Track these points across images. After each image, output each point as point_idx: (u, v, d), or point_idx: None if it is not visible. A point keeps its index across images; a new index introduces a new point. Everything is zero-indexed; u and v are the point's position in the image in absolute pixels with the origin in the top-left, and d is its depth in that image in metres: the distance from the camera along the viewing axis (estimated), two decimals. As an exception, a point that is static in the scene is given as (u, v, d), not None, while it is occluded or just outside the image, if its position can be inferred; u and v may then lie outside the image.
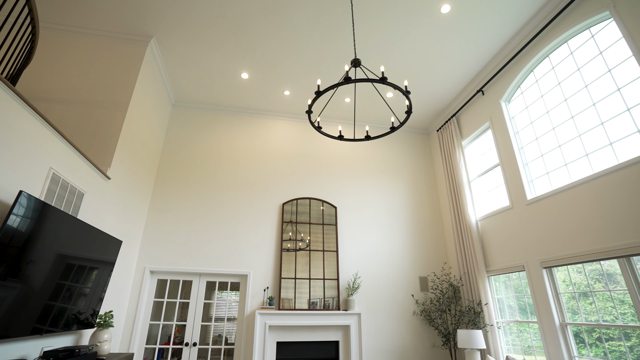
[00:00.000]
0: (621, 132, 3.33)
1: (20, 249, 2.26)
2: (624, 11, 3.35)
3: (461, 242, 5.37)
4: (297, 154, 6.14)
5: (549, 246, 3.95)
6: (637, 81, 3.24)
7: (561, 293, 3.85)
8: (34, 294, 2.45)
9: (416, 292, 5.58)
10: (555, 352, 3.72)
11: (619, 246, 3.17)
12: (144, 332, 4.67)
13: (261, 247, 5.34)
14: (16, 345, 2.49)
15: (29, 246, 2.33)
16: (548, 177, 4.13)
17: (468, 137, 5.66)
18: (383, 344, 5.15)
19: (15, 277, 2.24)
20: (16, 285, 2.26)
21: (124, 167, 4.21)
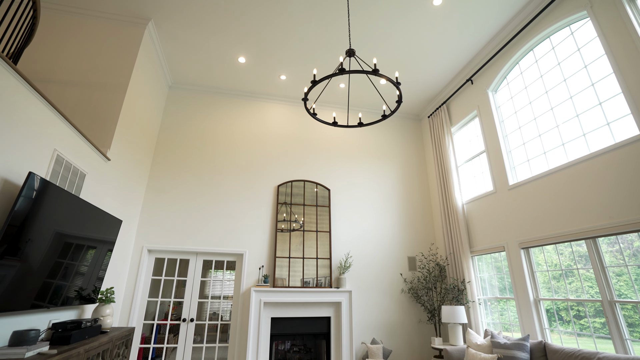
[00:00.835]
0: (593, 123, 3.57)
1: (31, 228, 2.40)
2: (599, 12, 3.53)
3: (448, 224, 5.65)
4: (292, 138, 6.27)
5: (527, 228, 4.23)
6: (609, 78, 3.45)
7: (536, 272, 4.16)
8: (43, 271, 2.61)
9: (405, 271, 5.89)
10: (529, 324, 4.07)
11: (586, 229, 3.45)
12: (142, 309, 4.87)
13: (256, 228, 5.53)
14: (26, 317, 2.65)
15: (38, 225, 2.47)
16: (529, 164, 4.38)
17: (457, 124, 5.86)
18: (372, 320, 5.47)
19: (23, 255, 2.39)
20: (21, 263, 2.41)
21: (123, 149, 4.30)
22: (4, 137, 2.32)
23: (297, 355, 5.33)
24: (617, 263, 3.28)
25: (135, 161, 4.77)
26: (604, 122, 3.47)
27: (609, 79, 3.44)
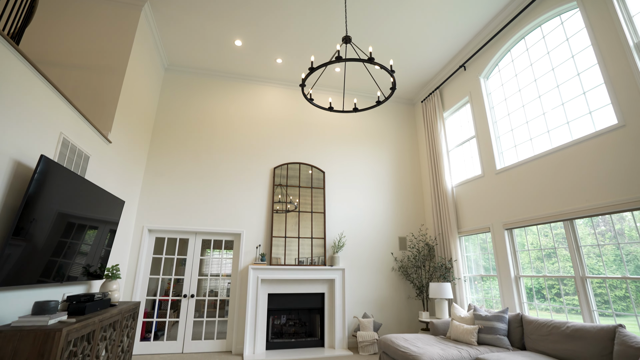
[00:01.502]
0: (577, 112, 3.75)
1: (45, 208, 2.54)
2: (588, 3, 3.65)
3: (437, 206, 5.90)
4: (288, 121, 6.37)
5: (511, 211, 4.48)
6: (593, 68, 3.61)
7: (518, 251, 4.45)
8: (58, 249, 2.76)
9: (395, 250, 6.17)
10: (509, 300, 4.39)
11: (564, 211, 3.70)
12: (145, 285, 5.09)
13: (253, 208, 5.71)
14: (41, 290, 2.83)
15: (51, 206, 2.60)
16: (515, 149, 4.58)
17: (449, 109, 6.00)
18: (364, 296, 5.79)
19: (36, 234, 2.53)
20: (35, 242, 2.56)
21: (123, 131, 4.38)
22: (14, 120, 2.41)
23: (293, 329, 5.64)
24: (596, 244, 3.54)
25: (134, 143, 4.85)
26: (586, 110, 3.65)
27: (593, 70, 3.60)
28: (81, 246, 3.14)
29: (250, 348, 4.97)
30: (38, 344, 2.06)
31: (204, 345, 5.10)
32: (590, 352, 2.90)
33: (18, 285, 2.46)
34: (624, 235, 3.26)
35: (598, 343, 2.88)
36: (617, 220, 3.32)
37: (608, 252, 3.37)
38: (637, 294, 3.11)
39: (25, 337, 2.05)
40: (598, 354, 2.85)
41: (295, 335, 5.57)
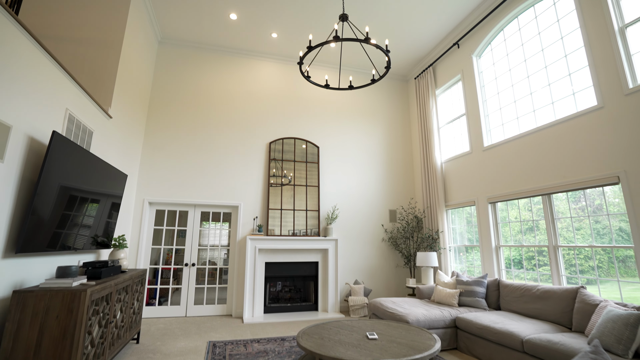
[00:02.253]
0: (562, 93, 3.95)
1: (57, 182, 2.69)
2: (577, -11, 3.74)
3: (427, 181, 6.17)
4: (283, 96, 6.43)
5: (495, 185, 4.77)
6: (579, 51, 3.77)
7: (500, 223, 4.79)
8: (71, 220, 2.94)
9: (386, 222, 6.50)
10: (489, 267, 4.77)
11: (543, 186, 4.00)
12: (148, 255, 5.33)
13: (250, 182, 5.91)
14: (58, 257, 3.04)
15: (63, 180, 2.75)
16: (503, 127, 4.80)
17: (442, 86, 6.14)
18: (355, 265, 6.16)
19: (56, 206, 2.70)
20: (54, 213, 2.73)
21: (121, 107, 4.43)
22: (24, 97, 2.50)
23: (289, 295, 6.02)
24: (575, 217, 3.86)
25: (132, 118, 4.91)
26: (570, 92, 3.85)
27: (580, 52, 3.77)
28: (90, 218, 3.32)
29: (249, 312, 5.34)
30: (67, 302, 2.29)
31: (206, 309, 5.44)
32: (555, 309, 3.29)
33: (39, 252, 2.66)
34: (602, 210, 3.54)
35: (562, 302, 3.26)
36: (597, 196, 3.59)
37: (586, 226, 3.66)
38: (609, 264, 3.45)
39: (55, 296, 2.28)
40: (561, 310, 3.23)
41: (291, 300, 5.96)
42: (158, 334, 4.34)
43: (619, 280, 3.33)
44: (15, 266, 2.46)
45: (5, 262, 2.36)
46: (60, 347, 2.23)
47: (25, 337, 2.19)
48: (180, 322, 4.94)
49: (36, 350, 2.19)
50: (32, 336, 2.20)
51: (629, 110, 3.22)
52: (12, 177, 2.38)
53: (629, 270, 3.28)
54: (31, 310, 2.23)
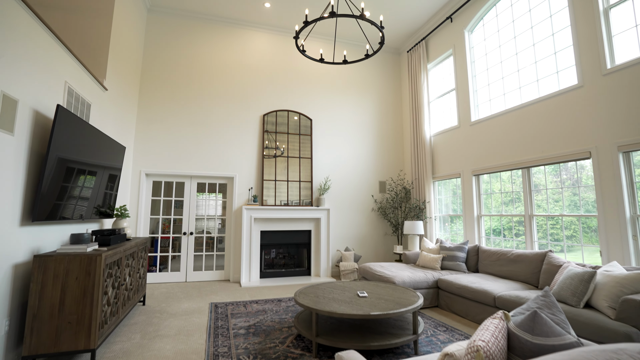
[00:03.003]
0: (546, 71, 4.12)
1: (63, 154, 2.80)
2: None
3: (416, 153, 6.41)
4: (277, 68, 6.42)
5: (480, 159, 5.04)
6: (566, 30, 3.90)
7: (482, 194, 5.10)
8: (77, 192, 3.09)
9: (375, 193, 6.79)
10: (471, 235, 5.14)
11: (524, 160, 4.27)
12: (147, 225, 5.53)
13: (245, 154, 6.04)
14: (67, 226, 3.21)
15: (69, 153, 2.86)
16: (490, 103, 4.99)
17: (433, 61, 6.21)
18: (346, 233, 6.49)
19: (63, 178, 2.83)
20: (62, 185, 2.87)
21: (116, 79, 4.43)
22: (26, 70, 2.55)
23: (283, 261, 6.36)
24: (554, 188, 4.17)
25: (126, 91, 4.91)
26: (554, 70, 4.03)
27: (566, 31, 3.90)
28: (94, 189, 3.46)
29: (246, 277, 5.67)
30: (84, 265, 2.50)
31: (205, 275, 5.75)
32: (526, 271, 3.67)
33: (51, 221, 2.82)
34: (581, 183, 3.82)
35: (532, 264, 3.63)
36: (577, 169, 3.82)
37: (565, 198, 3.95)
38: (583, 233, 3.79)
39: (73, 260, 2.48)
40: (531, 272, 3.61)
41: (285, 266, 6.31)
42: (162, 297, 4.63)
43: (582, 245, 3.71)
44: (32, 233, 2.63)
45: (24, 229, 2.53)
46: (82, 305, 2.47)
47: (49, 295, 2.41)
48: (181, 287, 5.24)
49: (60, 307, 2.42)
50: (55, 295, 2.42)
51: (605, 90, 3.43)
52: (22, 150, 2.49)
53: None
54: (52, 273, 2.44)
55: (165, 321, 3.61)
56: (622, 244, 3.21)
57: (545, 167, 4.13)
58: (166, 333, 3.26)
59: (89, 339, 2.46)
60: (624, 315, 2.32)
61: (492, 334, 1.11)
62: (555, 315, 1.22)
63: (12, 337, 2.42)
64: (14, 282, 2.43)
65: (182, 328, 3.41)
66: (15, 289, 2.44)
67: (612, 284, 2.51)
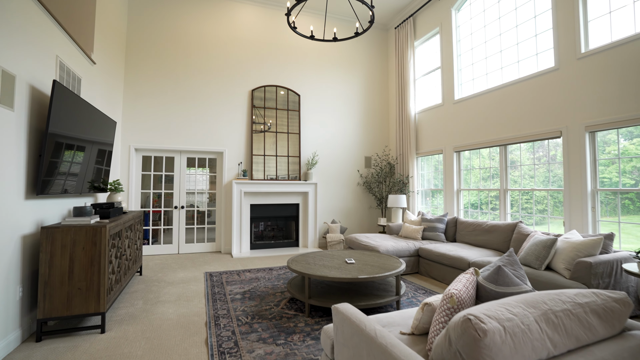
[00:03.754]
0: (527, 52, 4.32)
1: (60, 130, 2.85)
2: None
3: (401, 130, 6.62)
4: (265, 42, 6.36)
5: (462, 136, 5.30)
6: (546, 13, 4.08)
7: (462, 170, 5.41)
8: (74, 167, 3.15)
9: (361, 168, 7.03)
10: (450, 208, 5.49)
11: (501, 137, 4.55)
12: (138, 199, 5.60)
13: (234, 129, 6.09)
14: (65, 200, 3.29)
15: (65, 128, 2.91)
16: (473, 82, 5.19)
17: (420, 38, 6.30)
18: (333, 206, 6.76)
19: (62, 153, 2.89)
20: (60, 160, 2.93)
21: (103, 52, 4.35)
22: (21, 45, 2.54)
23: (272, 233, 6.61)
24: (531, 167, 4.49)
25: (113, 64, 4.81)
26: (534, 52, 4.23)
27: (546, 15, 4.08)
28: (89, 164, 3.51)
29: (237, 248, 5.90)
30: (90, 236, 2.64)
31: (197, 247, 5.95)
32: (499, 240, 4.04)
33: (53, 195, 2.91)
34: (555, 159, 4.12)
35: (504, 234, 4.00)
36: (553, 147, 4.12)
37: (540, 174, 4.26)
38: (553, 207, 4.15)
39: (79, 231, 2.61)
40: (503, 240, 3.99)
41: (274, 238, 6.58)
42: (157, 268, 4.82)
43: (549, 217, 4.09)
44: (36, 207, 2.72)
45: (29, 203, 2.62)
46: (90, 273, 2.63)
47: (58, 264, 2.56)
48: (175, 258, 5.44)
49: (70, 275, 2.58)
50: (64, 264, 2.57)
51: (578, 73, 3.68)
52: (22, 125, 2.53)
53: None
54: (60, 243, 2.57)
55: (164, 289, 3.82)
56: (582, 215, 3.58)
57: (521, 144, 4.43)
58: (167, 299, 3.48)
59: (99, 303, 2.65)
60: (577, 274, 2.69)
61: (464, 285, 1.36)
62: (516, 270, 1.49)
63: (25, 303, 2.58)
64: (24, 252, 2.55)
65: (181, 294, 3.63)
66: (25, 258, 2.57)
67: (569, 249, 2.87)
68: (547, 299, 1.16)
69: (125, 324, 2.84)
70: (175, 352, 2.36)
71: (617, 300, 1.21)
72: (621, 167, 3.40)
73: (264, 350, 2.37)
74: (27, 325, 2.59)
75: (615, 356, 1.08)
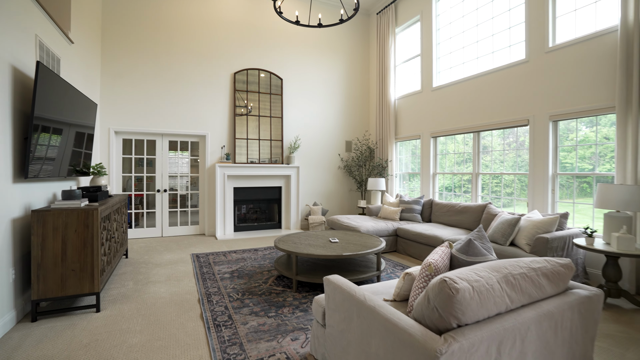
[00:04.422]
0: (501, 44, 4.57)
1: (44, 113, 2.82)
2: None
3: (381, 115, 6.82)
4: (247, 25, 6.27)
5: (439, 122, 5.56)
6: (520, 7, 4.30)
7: (438, 154, 5.70)
8: (59, 152, 3.13)
9: (342, 151, 7.21)
10: (426, 190, 5.80)
11: (475, 125, 4.84)
12: (119, 183, 5.54)
13: (216, 112, 6.07)
14: (50, 184, 3.27)
15: (48, 111, 2.88)
16: (450, 71, 5.42)
17: (401, 25, 6.42)
18: (314, 189, 6.94)
19: (50, 140, 2.87)
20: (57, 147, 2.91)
21: (79, 30, 4.20)
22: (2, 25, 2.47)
23: (255, 216, 6.74)
24: (502, 152, 4.81)
25: (90, 44, 4.65)
26: (508, 44, 4.48)
27: (520, 8, 4.30)
28: (72, 147, 3.48)
29: (221, 230, 6.01)
30: (82, 219, 2.68)
31: (181, 230, 6.00)
32: (470, 219, 4.38)
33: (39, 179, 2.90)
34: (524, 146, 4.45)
35: (475, 214, 4.34)
36: (521, 133, 4.42)
37: (510, 159, 4.58)
38: (520, 190, 4.49)
39: (71, 214, 2.65)
40: (474, 220, 4.33)
41: (257, 220, 6.71)
42: (142, 250, 4.87)
43: (515, 199, 4.46)
44: (23, 190, 2.72)
45: (17, 186, 2.62)
46: (83, 254, 2.70)
47: (51, 247, 2.60)
48: (159, 241, 5.48)
49: (63, 257, 2.64)
50: (57, 246, 2.62)
51: (546, 66, 3.96)
52: (7, 108, 2.50)
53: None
54: (51, 226, 2.61)
55: (152, 270, 3.91)
56: (544, 197, 3.95)
57: (493, 131, 4.74)
58: (157, 279, 3.58)
59: (93, 283, 2.73)
60: (536, 249, 3.03)
61: (440, 256, 1.58)
62: (484, 244, 1.73)
63: (18, 284, 2.62)
64: (14, 236, 2.57)
65: (171, 275, 3.74)
66: (16, 241, 2.59)
67: (530, 227, 3.20)
68: (507, 264, 1.39)
69: (119, 303, 2.94)
70: (173, 326, 2.51)
71: (562, 265, 1.47)
72: (582, 153, 3.76)
73: (257, 322, 2.56)
74: (21, 306, 2.64)
75: (558, 308, 1.34)
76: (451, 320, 1.16)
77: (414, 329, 1.18)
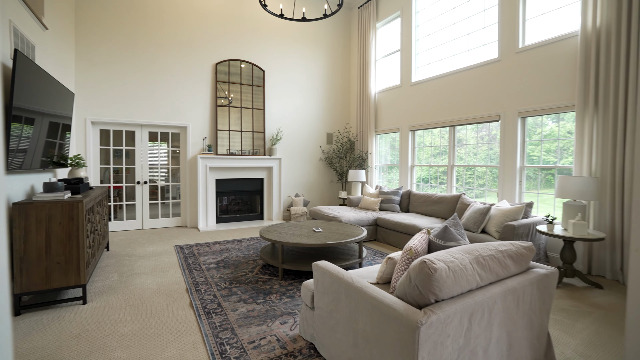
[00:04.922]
0: (476, 43, 4.79)
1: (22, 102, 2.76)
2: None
3: (361, 108, 6.97)
4: (229, 15, 6.19)
5: (417, 116, 5.77)
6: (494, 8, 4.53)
7: (416, 147, 5.93)
8: (36, 143, 3.07)
9: (323, 144, 7.33)
10: (404, 181, 6.04)
11: (450, 119, 5.08)
12: (97, 175, 5.42)
13: (198, 103, 6.01)
14: (27, 176, 3.20)
15: (26, 101, 2.81)
16: (429, 67, 5.62)
17: (382, 20, 6.55)
18: (296, 180, 7.04)
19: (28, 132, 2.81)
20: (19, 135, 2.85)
21: (53, 15, 4.05)
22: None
23: (237, 207, 6.77)
24: (475, 145, 5.07)
25: (64, 30, 4.48)
26: (482, 43, 4.71)
27: (494, 9, 4.53)
28: (49, 138, 3.40)
29: (203, 222, 6.01)
30: (67, 211, 2.67)
31: (162, 222, 5.95)
32: (445, 209, 4.64)
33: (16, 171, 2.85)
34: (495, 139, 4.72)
35: (450, 204, 4.60)
36: (494, 127, 4.68)
37: (482, 152, 4.85)
38: (492, 181, 4.77)
39: (54, 206, 2.63)
40: (449, 210, 4.59)
41: (240, 211, 6.75)
42: (123, 243, 4.82)
43: (486, 190, 4.76)
44: (3, 182, 2.66)
45: (-3, 178, 2.56)
46: (69, 247, 2.69)
47: (34, 240, 2.58)
48: (140, 234, 5.43)
49: (47, 250, 2.62)
50: (40, 239, 2.60)
51: (516, 65, 4.21)
52: (-15, 98, 2.44)
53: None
54: (34, 219, 2.58)
55: (136, 262, 3.91)
56: (512, 187, 4.25)
57: (467, 125, 4.99)
58: (142, 271, 3.60)
59: (79, 276, 2.73)
60: (504, 235, 3.30)
61: (419, 241, 1.75)
62: (458, 230, 1.91)
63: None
64: (-4, 228, 2.53)
65: (156, 266, 3.77)
66: (-3, 234, 2.55)
67: (499, 215, 3.46)
68: (478, 247, 1.57)
69: (105, 295, 2.96)
70: (164, 315, 2.57)
71: (525, 248, 1.67)
72: (547, 147, 4.06)
73: (246, 309, 2.67)
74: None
75: (520, 285, 1.53)
76: (430, 297, 1.32)
77: (397, 304, 1.33)
